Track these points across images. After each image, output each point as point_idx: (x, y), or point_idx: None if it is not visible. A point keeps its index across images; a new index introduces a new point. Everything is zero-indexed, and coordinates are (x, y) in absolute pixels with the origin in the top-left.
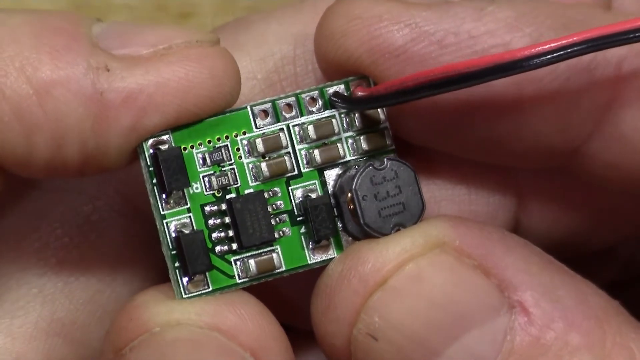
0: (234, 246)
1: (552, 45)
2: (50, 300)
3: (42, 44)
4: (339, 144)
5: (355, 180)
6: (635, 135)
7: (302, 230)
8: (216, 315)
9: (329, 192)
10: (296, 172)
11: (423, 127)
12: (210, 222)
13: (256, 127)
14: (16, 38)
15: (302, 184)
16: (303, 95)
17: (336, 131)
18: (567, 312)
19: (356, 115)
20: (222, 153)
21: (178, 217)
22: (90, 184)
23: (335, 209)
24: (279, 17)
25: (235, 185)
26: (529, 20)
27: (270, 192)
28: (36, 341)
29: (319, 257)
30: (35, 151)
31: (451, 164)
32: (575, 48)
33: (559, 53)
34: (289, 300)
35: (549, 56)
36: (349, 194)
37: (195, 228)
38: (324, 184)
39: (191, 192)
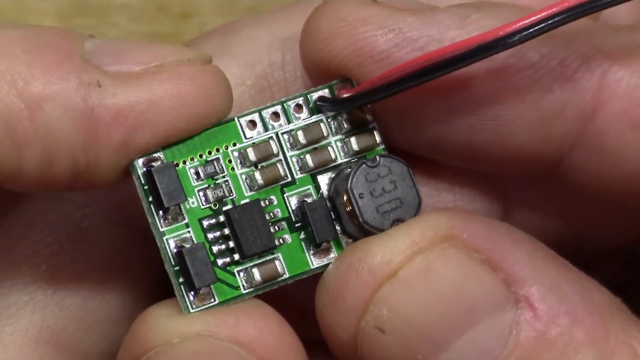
0: (236, 257)
1: (533, 18)
2: (40, 308)
3: (35, 59)
4: (329, 147)
5: (350, 179)
6: (618, 147)
7: (302, 236)
8: (236, 327)
9: (325, 196)
10: (290, 179)
11: (405, 133)
12: (210, 235)
13: (245, 138)
14: (8, 52)
15: (297, 191)
16: (289, 103)
17: (325, 134)
18: (572, 307)
19: (344, 117)
20: (214, 166)
21: (177, 233)
22: (80, 191)
23: (332, 212)
24: (268, 22)
25: (231, 197)
26: None
27: (266, 201)
28: (27, 349)
29: (321, 262)
30: (25, 166)
31: (437, 171)
32: (557, 18)
33: (540, 26)
34: (302, 310)
35: (531, 30)
36: (345, 195)
37: (195, 242)
38: (318, 188)
39: (187, 207)
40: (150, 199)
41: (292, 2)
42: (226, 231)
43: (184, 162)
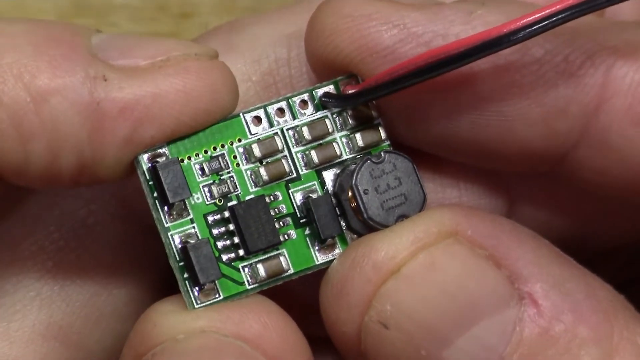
0: (241, 252)
1: (537, 15)
2: (47, 304)
3: (41, 52)
4: (334, 143)
5: (355, 175)
6: (622, 143)
7: (307, 232)
8: (241, 323)
9: (329, 192)
10: (294, 175)
11: (410, 129)
12: (215, 231)
13: (251, 134)
14: (15, 46)
15: (302, 186)
16: (294, 99)
17: (330, 130)
18: (576, 305)
19: (349, 113)
20: (219, 162)
21: (182, 229)
22: (86, 187)
23: (337, 208)
24: (273, 19)
25: (236, 193)
26: None
27: (271, 197)
28: (33, 345)
29: (325, 257)
30: (31, 159)
31: (442, 167)
32: (561, 15)
33: (544, 23)
34: (307, 306)
35: (535, 27)
36: (350, 191)
37: (200, 237)
38: (323, 184)
39: (192, 202)
40: (155, 194)
41: (293, 1)
42: (231, 227)
43: (189, 158)
